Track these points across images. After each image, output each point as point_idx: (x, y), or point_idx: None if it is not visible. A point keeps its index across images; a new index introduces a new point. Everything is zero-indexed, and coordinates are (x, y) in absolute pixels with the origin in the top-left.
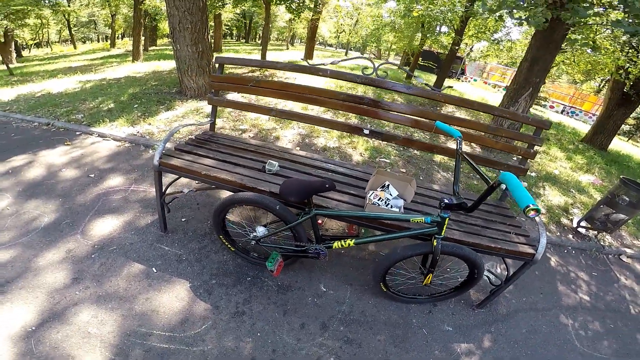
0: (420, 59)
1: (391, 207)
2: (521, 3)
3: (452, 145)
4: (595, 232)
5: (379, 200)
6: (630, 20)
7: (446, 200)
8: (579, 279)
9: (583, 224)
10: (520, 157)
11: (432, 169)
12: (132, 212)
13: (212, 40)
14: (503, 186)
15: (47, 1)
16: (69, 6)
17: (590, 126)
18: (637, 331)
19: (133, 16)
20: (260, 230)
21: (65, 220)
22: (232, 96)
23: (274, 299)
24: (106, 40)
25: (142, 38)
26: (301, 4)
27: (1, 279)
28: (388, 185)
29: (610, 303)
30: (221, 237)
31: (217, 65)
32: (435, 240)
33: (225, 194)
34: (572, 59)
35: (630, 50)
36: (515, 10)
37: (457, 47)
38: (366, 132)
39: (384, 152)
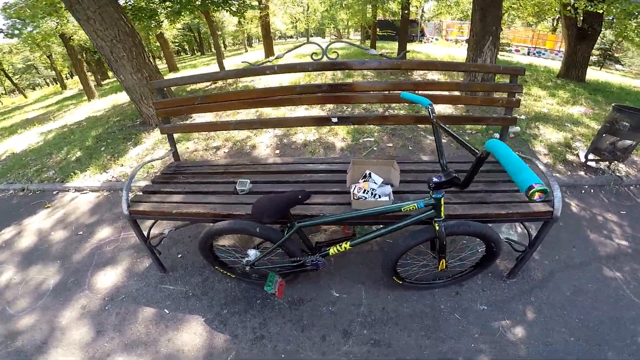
0: (378, 29)
1: (379, 196)
2: None
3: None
4: (607, 162)
5: (364, 192)
6: None
7: (435, 179)
8: (609, 221)
9: (591, 156)
10: (504, 108)
11: (418, 135)
12: (128, 259)
13: (164, 61)
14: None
15: None
16: None
17: (560, 62)
18: None
19: (68, 54)
20: (252, 254)
21: (69, 279)
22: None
23: (288, 316)
24: (56, 83)
25: (89, 74)
26: (241, 5)
27: (37, 341)
28: (370, 173)
29: None
30: (217, 267)
31: (161, 90)
32: (436, 224)
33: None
34: (519, 3)
35: None
36: None
37: (407, 12)
38: (334, 120)
39: (366, 131)
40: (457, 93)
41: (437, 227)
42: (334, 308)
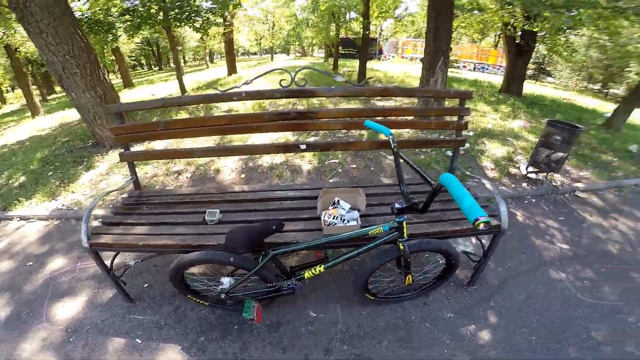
0: (340, 48)
1: (348, 221)
2: None
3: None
4: (544, 174)
5: (333, 219)
6: None
7: (397, 205)
8: (550, 227)
9: (530, 169)
10: (455, 130)
11: (379, 156)
12: (88, 290)
13: (119, 75)
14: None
15: None
16: None
17: (502, 77)
18: (630, 270)
19: (12, 66)
20: (226, 281)
21: (23, 311)
22: (150, 144)
23: (268, 339)
24: None
25: (34, 88)
26: (206, 21)
27: None
28: (338, 201)
29: (589, 246)
30: (190, 296)
31: (119, 115)
32: (400, 244)
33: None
34: (466, 22)
35: (508, 7)
36: None
37: (367, 32)
38: (302, 147)
39: (331, 153)
40: (413, 117)
41: (401, 247)
42: (312, 328)
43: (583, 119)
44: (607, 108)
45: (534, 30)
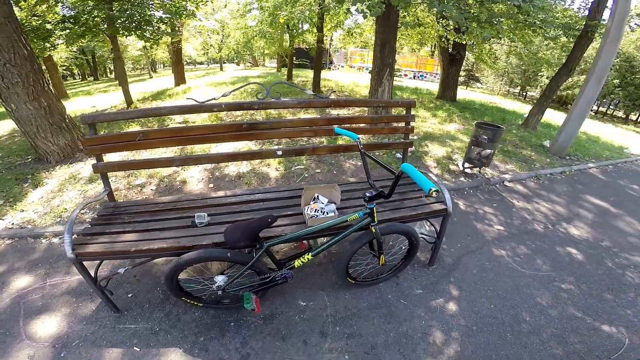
0: (294, 58)
1: (327, 213)
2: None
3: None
4: (477, 168)
5: (315, 212)
6: (438, 1)
7: (367, 194)
8: (487, 213)
9: (466, 165)
10: (404, 134)
11: (339, 161)
12: (66, 304)
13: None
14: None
15: None
16: None
17: (438, 84)
18: (554, 244)
19: None
20: (221, 279)
21: None
22: (116, 155)
23: (266, 331)
24: None
25: None
26: (156, 31)
27: None
28: (317, 196)
29: (520, 226)
30: (183, 298)
31: (93, 126)
32: (373, 228)
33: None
34: (407, 34)
35: (443, 21)
36: (358, 4)
37: (322, 44)
38: (279, 153)
39: (296, 159)
40: (369, 125)
41: (374, 230)
42: (304, 315)
43: (506, 120)
44: (526, 109)
45: (462, 41)
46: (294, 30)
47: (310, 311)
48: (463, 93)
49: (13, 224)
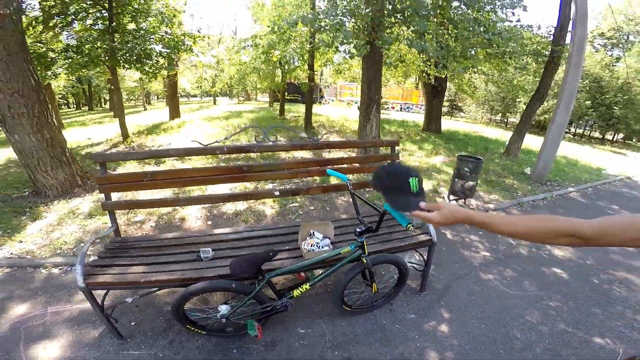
0: (286, 93)
1: (322, 247)
2: (348, 40)
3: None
4: (463, 200)
5: (311, 246)
6: (417, 41)
7: (358, 229)
8: (473, 241)
9: (451, 197)
10: None
11: (332, 199)
12: (68, 331)
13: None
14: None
15: None
16: None
17: (423, 116)
18: (539, 266)
19: None
20: (224, 308)
21: None
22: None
23: (268, 357)
24: None
25: None
26: (155, 65)
27: None
28: (313, 232)
29: (506, 251)
30: (188, 327)
31: (104, 165)
32: (364, 259)
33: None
34: (392, 69)
35: (423, 56)
36: (345, 45)
37: (313, 82)
38: (276, 193)
39: (291, 198)
40: (357, 164)
41: (365, 261)
42: (304, 342)
43: (489, 149)
44: (507, 136)
45: (442, 75)
46: (286, 66)
47: (310, 338)
48: (447, 123)
49: (12, 253)
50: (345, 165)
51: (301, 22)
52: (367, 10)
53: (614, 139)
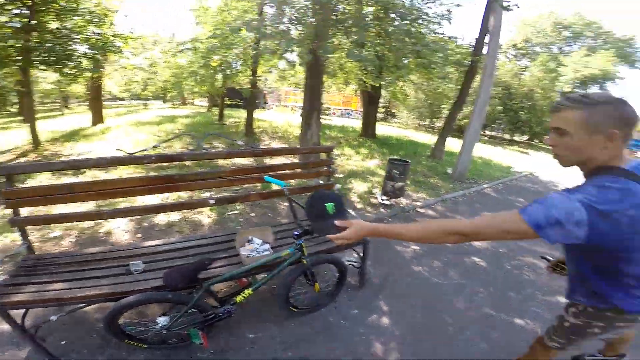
0: (227, 98)
1: (262, 252)
2: (291, 47)
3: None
4: (394, 200)
5: (251, 252)
6: (355, 50)
7: (295, 232)
8: None
9: (384, 198)
10: (326, 176)
11: (274, 204)
12: None
13: None
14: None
15: None
16: None
17: (361, 122)
18: (462, 256)
19: None
20: (163, 320)
21: None
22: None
23: None
24: None
25: None
26: (77, 67)
27: None
28: (252, 238)
29: (431, 245)
30: (126, 341)
31: (10, 177)
32: (304, 260)
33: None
34: (333, 78)
35: (360, 65)
36: (288, 52)
37: (256, 87)
38: (212, 202)
39: (230, 206)
40: (299, 170)
41: (305, 262)
42: (255, 346)
43: (417, 152)
44: (434, 140)
45: (376, 84)
46: (228, 71)
47: (261, 341)
48: (382, 129)
49: None
50: (288, 171)
51: (246, 28)
52: (312, 20)
53: (520, 140)
